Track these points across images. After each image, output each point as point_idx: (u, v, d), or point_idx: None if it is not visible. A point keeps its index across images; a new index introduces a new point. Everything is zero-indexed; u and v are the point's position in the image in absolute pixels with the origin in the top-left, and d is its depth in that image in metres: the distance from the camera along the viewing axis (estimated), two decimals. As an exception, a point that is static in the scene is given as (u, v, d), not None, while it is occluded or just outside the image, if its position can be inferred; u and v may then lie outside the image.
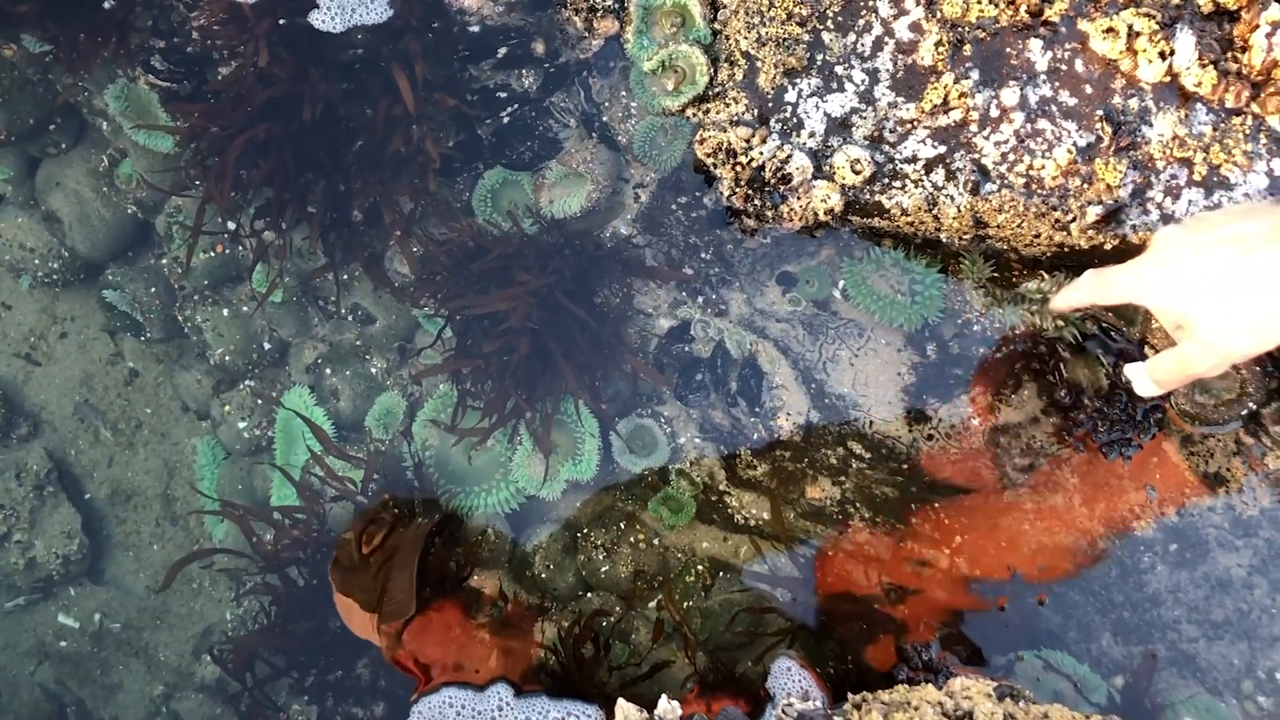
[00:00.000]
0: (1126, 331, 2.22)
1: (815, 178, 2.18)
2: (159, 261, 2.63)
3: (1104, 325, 2.20)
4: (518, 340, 2.11)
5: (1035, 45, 2.18)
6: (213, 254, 2.48)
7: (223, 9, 2.14)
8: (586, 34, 2.29)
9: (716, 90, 2.24)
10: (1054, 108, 2.18)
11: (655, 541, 2.32)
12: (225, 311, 2.56)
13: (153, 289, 2.63)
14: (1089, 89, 2.18)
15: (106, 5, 2.23)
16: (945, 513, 2.19)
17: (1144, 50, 2.15)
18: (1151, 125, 2.13)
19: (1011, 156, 2.17)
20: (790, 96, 2.21)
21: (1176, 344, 1.82)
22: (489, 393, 2.19)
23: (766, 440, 2.28)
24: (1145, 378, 1.93)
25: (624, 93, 2.31)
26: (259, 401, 2.56)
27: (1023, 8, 2.15)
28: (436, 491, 2.31)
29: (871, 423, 2.22)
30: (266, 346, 2.56)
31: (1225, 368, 1.81)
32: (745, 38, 2.21)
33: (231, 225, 2.38)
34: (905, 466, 2.21)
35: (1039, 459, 2.20)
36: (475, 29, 2.27)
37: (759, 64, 2.20)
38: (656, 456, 2.33)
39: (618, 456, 2.32)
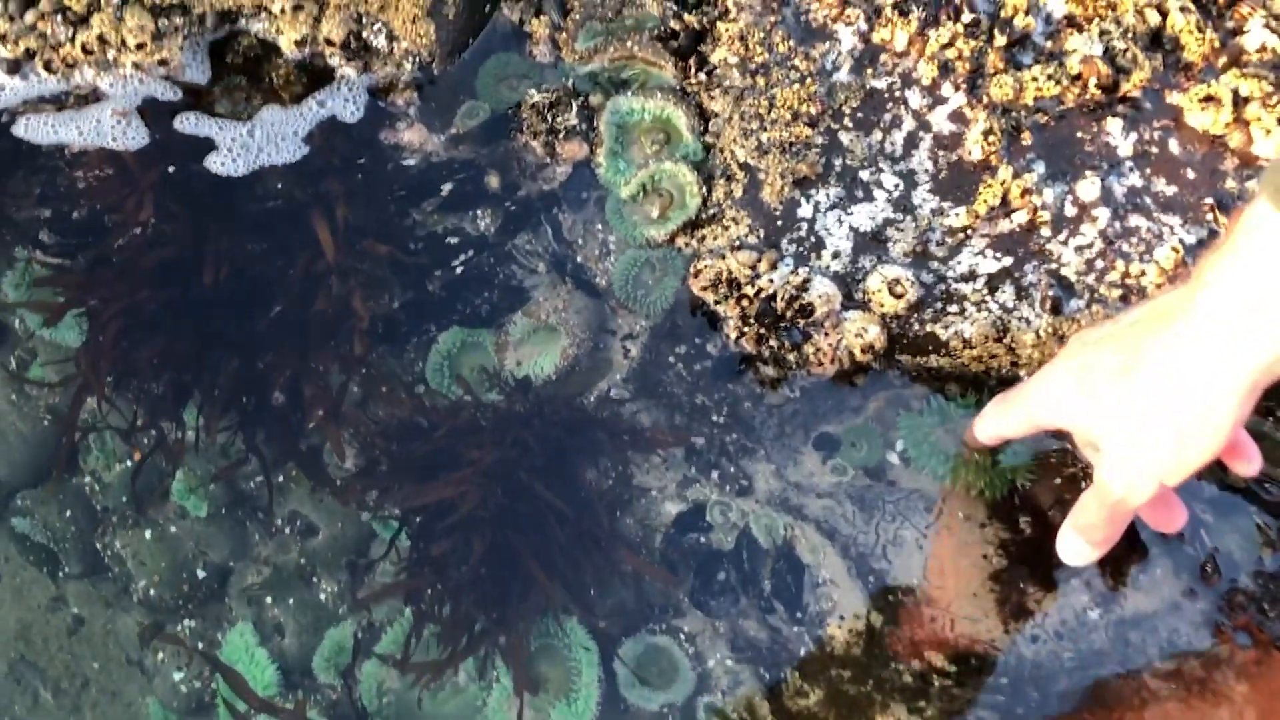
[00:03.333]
0: (1281, 477, 1.68)
1: (846, 308, 1.71)
2: (77, 480, 2.24)
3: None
4: (473, 539, 1.64)
5: (1114, 126, 1.74)
6: (129, 464, 2.07)
7: (103, 161, 1.82)
8: (549, 160, 1.89)
9: (712, 212, 1.81)
10: (1148, 200, 1.72)
11: (683, 802, 1.77)
12: (148, 534, 2.13)
13: (68, 513, 2.22)
14: (1191, 174, 1.72)
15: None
16: (1069, 743, 1.62)
17: (1258, 119, 1.70)
18: None
19: (1100, 263, 1.70)
20: (804, 211, 1.77)
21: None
22: (444, 614, 1.71)
23: (817, 656, 1.73)
24: (1069, 533, 1.47)
25: (599, 226, 1.89)
26: (200, 645, 2.10)
27: (1090, 82, 1.72)
28: (391, 750, 1.81)
29: (954, 623, 1.68)
30: (201, 575, 2.12)
31: (1151, 489, 1.34)
32: (742, 146, 1.79)
33: (154, 433, 1.98)
34: (1005, 681, 1.65)
35: (1188, 661, 1.63)
36: (411, 164, 1.89)
37: (762, 175, 1.77)
38: (678, 688, 1.78)
39: (625, 690, 1.78)
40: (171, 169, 1.81)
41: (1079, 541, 1.45)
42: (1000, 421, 1.53)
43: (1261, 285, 1.17)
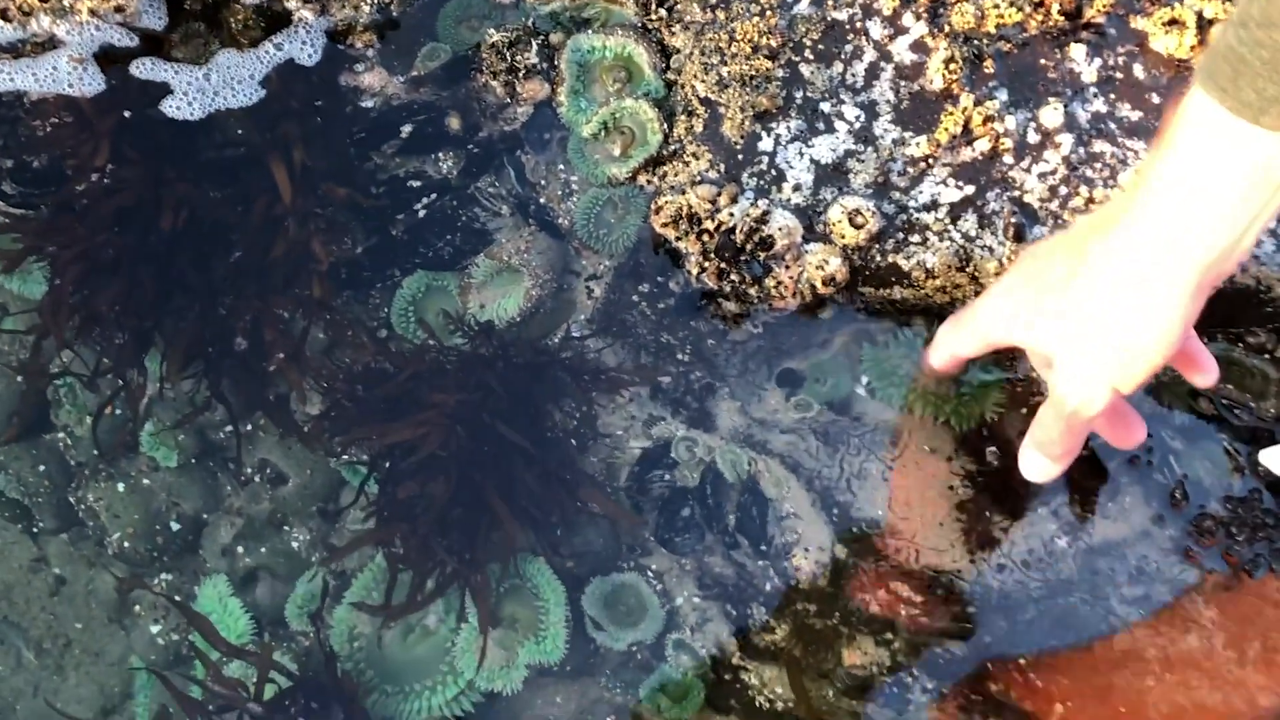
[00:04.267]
0: (1256, 406, 1.66)
1: (807, 240, 1.70)
2: (50, 435, 2.24)
3: (1224, 400, 1.66)
4: (437, 480, 1.63)
5: (1078, 53, 1.72)
6: (100, 417, 2.07)
7: (61, 108, 1.81)
8: (510, 101, 1.87)
9: (673, 148, 1.79)
10: (1112, 125, 1.70)
11: (654, 741, 1.77)
12: (120, 486, 2.13)
13: (41, 467, 2.23)
14: (1156, 98, 1.70)
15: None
16: (1036, 671, 1.60)
17: (1222, 41, 1.69)
18: (1245, 133, 1.65)
19: (1063, 189, 1.68)
20: (765, 144, 1.75)
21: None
22: (414, 555, 1.71)
23: (782, 590, 1.72)
24: (1028, 450, 1.43)
25: (562, 166, 1.87)
26: (177, 597, 2.10)
27: (1053, 9, 1.70)
28: (360, 694, 1.80)
29: (919, 554, 1.67)
30: (175, 527, 2.12)
31: (1105, 396, 1.29)
32: (703, 81, 1.77)
33: (119, 381, 1.98)
34: (972, 611, 1.64)
35: (1156, 587, 1.62)
36: (370, 107, 1.89)
37: (722, 110, 1.75)
38: (646, 626, 1.77)
39: (593, 630, 1.78)
40: (128, 114, 1.80)
41: (1038, 457, 1.43)
42: (953, 342, 1.49)
43: (1199, 176, 1.13)
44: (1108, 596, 1.62)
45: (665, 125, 1.78)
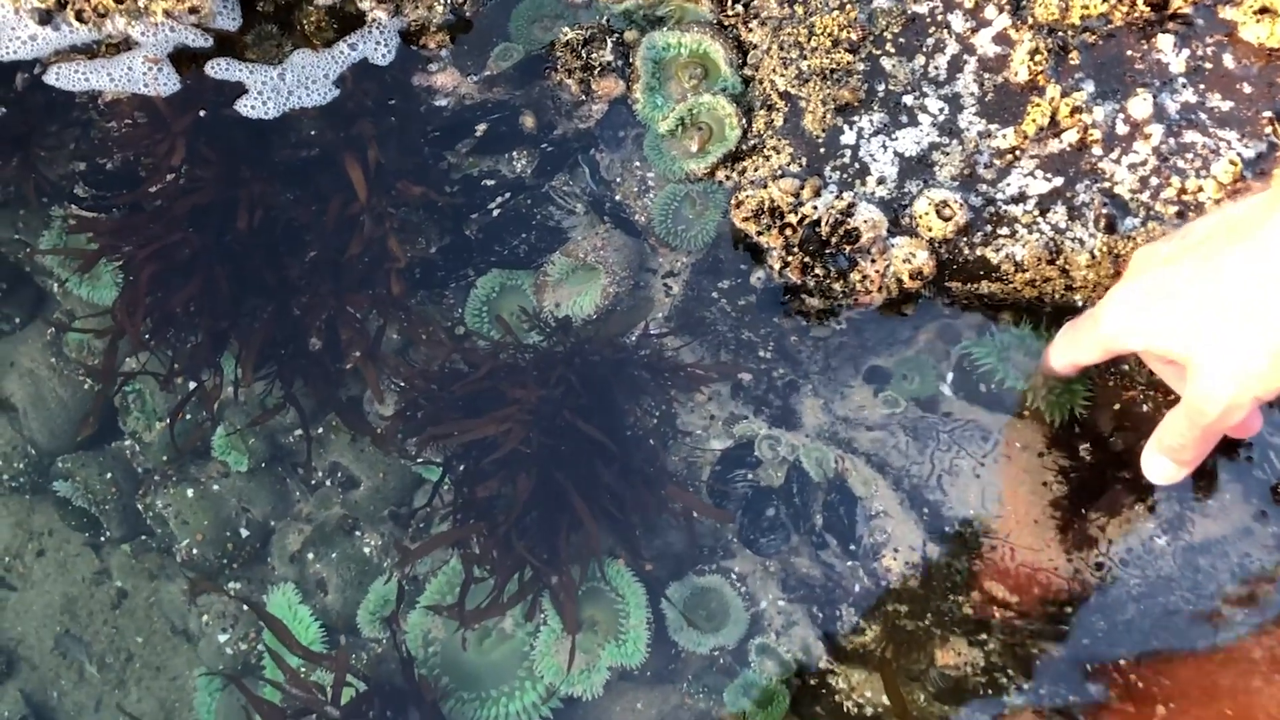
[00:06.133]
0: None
1: (892, 234, 1.67)
2: (118, 443, 2.22)
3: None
4: (519, 479, 1.60)
5: (1165, 43, 1.69)
6: (175, 419, 2.05)
7: (135, 108, 1.80)
8: (584, 98, 1.86)
9: (752, 143, 1.77)
10: (1203, 115, 1.67)
11: (739, 748, 1.72)
12: (190, 492, 2.11)
13: (109, 475, 2.21)
14: (1247, 88, 1.67)
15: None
16: (1139, 673, 1.56)
17: (1317, 29, 1.65)
18: (1342, 120, 1.61)
19: (1155, 180, 1.64)
20: (848, 138, 1.73)
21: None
22: (494, 557, 1.68)
23: (872, 591, 1.68)
24: (1155, 455, 1.43)
25: (638, 163, 1.85)
26: (244, 608, 2.08)
27: (1140, 0, 1.68)
28: (438, 699, 1.76)
29: (1014, 553, 1.63)
30: (244, 533, 2.10)
31: (1247, 406, 1.27)
32: (782, 75, 1.75)
33: (192, 383, 1.97)
34: (1069, 611, 1.60)
35: (1261, 586, 1.58)
36: (444, 106, 1.87)
37: (803, 104, 1.73)
38: (729, 630, 1.74)
39: (675, 633, 1.75)
40: (203, 114, 1.79)
41: (1166, 462, 1.41)
42: (1073, 349, 1.48)
43: None
44: (1210, 595, 1.57)
45: (744, 120, 1.76)
